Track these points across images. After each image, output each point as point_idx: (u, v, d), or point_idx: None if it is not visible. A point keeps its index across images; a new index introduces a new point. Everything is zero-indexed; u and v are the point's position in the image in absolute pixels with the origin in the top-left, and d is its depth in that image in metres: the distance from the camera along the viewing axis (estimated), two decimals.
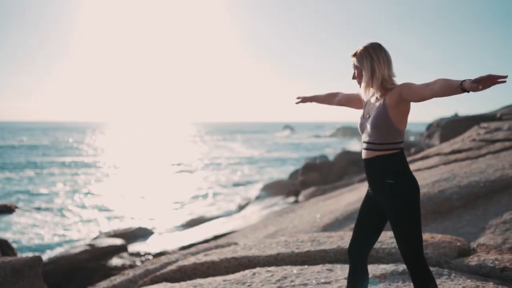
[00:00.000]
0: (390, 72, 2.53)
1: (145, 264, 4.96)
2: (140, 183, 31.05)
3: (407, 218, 2.46)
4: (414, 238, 2.48)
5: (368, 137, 2.56)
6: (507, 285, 3.63)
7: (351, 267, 2.72)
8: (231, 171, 39.93)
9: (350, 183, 17.14)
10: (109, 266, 11.79)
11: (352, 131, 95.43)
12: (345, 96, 3.02)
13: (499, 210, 6.08)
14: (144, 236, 15.99)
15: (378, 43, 2.57)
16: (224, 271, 4.23)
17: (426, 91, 2.26)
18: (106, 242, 13.01)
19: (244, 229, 10.88)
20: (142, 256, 12.46)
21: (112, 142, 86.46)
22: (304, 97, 3.25)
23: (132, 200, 24.54)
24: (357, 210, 7.50)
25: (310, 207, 10.27)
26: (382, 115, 2.47)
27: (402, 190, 2.46)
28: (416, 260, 2.48)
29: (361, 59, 2.56)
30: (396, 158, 2.50)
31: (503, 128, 9.82)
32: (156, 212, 21.29)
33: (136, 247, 13.55)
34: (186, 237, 14.89)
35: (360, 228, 2.69)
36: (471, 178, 6.96)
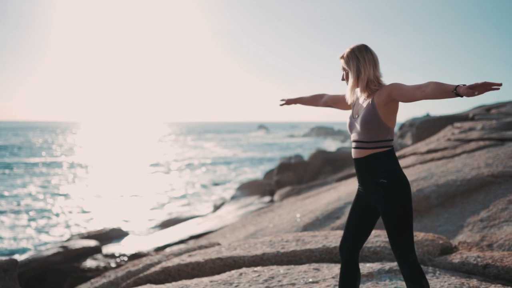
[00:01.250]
0: (376, 72, 2.57)
1: (126, 265, 4.84)
2: (114, 184, 30.53)
3: (401, 216, 2.48)
4: (408, 236, 2.51)
5: (359, 136, 2.58)
6: (490, 282, 3.69)
7: (342, 265, 2.73)
8: (206, 171, 39.72)
9: (325, 183, 17.27)
10: (83, 268, 11.52)
11: (326, 131, 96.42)
12: (331, 97, 3.06)
13: (476, 208, 6.22)
14: (118, 237, 15.74)
15: (365, 44, 2.61)
16: (209, 272, 4.17)
17: (417, 93, 2.30)
18: (79, 244, 12.71)
19: (222, 229, 10.82)
20: (117, 258, 12.24)
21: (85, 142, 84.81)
22: (289, 99, 3.28)
23: (106, 201, 24.10)
24: (336, 210, 7.57)
25: (289, 207, 10.27)
26: (372, 114, 2.50)
27: (396, 189, 2.48)
28: (409, 257, 2.51)
29: (347, 61, 2.61)
30: (388, 156, 2.53)
31: (476, 128, 10.05)
32: (131, 213, 20.98)
33: (111, 249, 13.32)
34: (161, 238, 14.73)
35: (351, 226, 2.70)
36: (448, 177, 7.09)
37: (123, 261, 11.97)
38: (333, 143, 65.81)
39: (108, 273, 4.79)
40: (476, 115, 13.02)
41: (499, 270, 3.85)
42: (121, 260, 12.01)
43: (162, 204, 23.57)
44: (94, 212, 21.27)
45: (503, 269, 3.85)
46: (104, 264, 11.68)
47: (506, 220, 5.66)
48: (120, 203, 23.66)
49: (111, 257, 12.31)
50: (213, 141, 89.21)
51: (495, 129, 9.62)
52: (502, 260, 3.95)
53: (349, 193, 8.33)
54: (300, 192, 16.38)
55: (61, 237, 16.86)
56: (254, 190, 22.13)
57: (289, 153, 46.05)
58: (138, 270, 4.45)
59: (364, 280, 3.65)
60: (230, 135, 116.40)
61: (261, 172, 34.77)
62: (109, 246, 13.98)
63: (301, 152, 44.23)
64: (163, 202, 24.11)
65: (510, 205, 5.91)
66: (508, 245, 5.19)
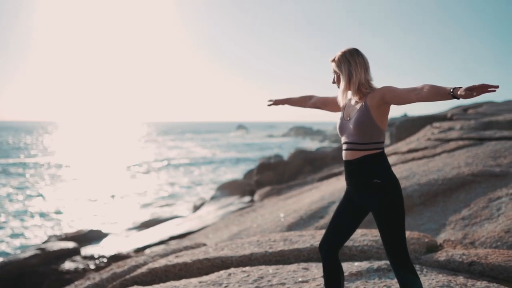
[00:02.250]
0: (367, 76, 2.60)
1: (111, 267, 4.75)
2: (92, 185, 30.06)
3: (395, 216, 2.51)
4: (401, 235, 2.54)
5: (352, 138, 2.60)
6: (475, 279, 3.74)
7: (324, 262, 2.74)
8: (186, 171, 39.47)
9: (305, 182, 17.34)
10: (61, 271, 11.30)
11: (305, 130, 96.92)
12: (320, 99, 3.09)
13: (458, 207, 6.32)
14: (97, 238, 15.50)
15: (356, 48, 2.64)
16: (197, 273, 4.12)
17: (412, 95, 2.34)
18: (57, 246, 12.47)
19: (205, 230, 10.75)
20: (96, 259, 12.05)
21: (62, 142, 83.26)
22: (277, 100, 3.30)
23: (84, 202, 23.70)
24: (320, 209, 7.60)
25: (271, 207, 10.28)
26: (366, 116, 2.53)
27: (390, 189, 2.51)
28: (403, 256, 2.54)
29: (339, 64, 2.63)
30: (380, 157, 2.56)
31: (455, 128, 10.24)
32: (110, 214, 20.68)
33: (89, 250, 13.11)
34: (141, 239, 14.57)
35: (336, 225, 2.72)
36: (429, 176, 7.20)
37: (102, 262, 11.79)
38: (312, 143, 66.13)
39: (92, 275, 4.70)
40: (454, 115, 13.27)
41: (484, 267, 3.92)
42: (101, 262, 11.83)
43: (141, 205, 23.31)
44: (72, 214, 20.91)
45: (488, 266, 3.91)
46: (83, 266, 11.49)
47: (487, 218, 5.77)
48: (98, 204, 23.30)
49: (90, 258, 12.12)
50: (192, 141, 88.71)
51: (473, 129, 9.82)
52: (486, 258, 4.02)
53: (332, 192, 8.38)
54: (280, 192, 16.42)
55: (38, 239, 16.50)
56: (234, 190, 22.09)
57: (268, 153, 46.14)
58: (124, 272, 4.37)
59: (353, 279, 3.67)
60: (209, 135, 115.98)
61: (240, 172, 34.71)
62: (87, 247, 13.76)
63: (280, 152, 44.36)
64: (143, 203, 23.85)
65: (490, 203, 6.03)
66: (489, 243, 5.29)
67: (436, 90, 2.20)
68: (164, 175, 36.42)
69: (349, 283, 3.60)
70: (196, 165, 44.58)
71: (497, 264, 3.91)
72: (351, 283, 3.59)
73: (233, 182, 24.36)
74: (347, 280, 3.65)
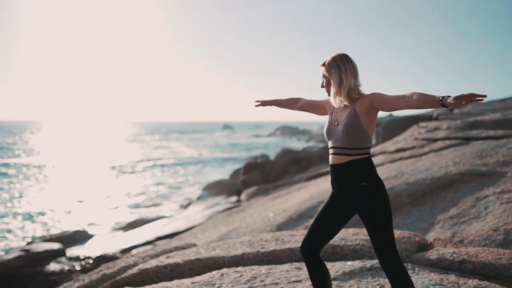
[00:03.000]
0: (356, 82, 2.64)
1: (100, 268, 4.68)
2: (77, 185, 29.69)
3: (383, 217, 2.56)
4: (390, 235, 2.58)
5: (339, 143, 2.63)
6: (466, 277, 3.77)
7: (307, 264, 2.76)
8: (172, 171, 39.24)
9: (291, 182, 17.37)
10: (46, 272, 11.15)
11: (291, 130, 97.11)
12: (308, 102, 3.12)
13: (446, 206, 6.38)
14: (82, 239, 15.30)
15: (346, 54, 2.68)
16: (189, 273, 4.09)
17: (401, 103, 2.39)
18: (42, 247, 12.29)
19: (193, 230, 10.69)
20: (82, 260, 11.91)
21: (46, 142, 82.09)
22: (264, 101, 3.32)
23: (69, 203, 23.39)
24: (310, 209, 7.61)
25: (260, 206, 10.26)
26: (355, 122, 2.57)
27: (377, 191, 2.57)
28: (393, 256, 2.58)
29: (329, 69, 2.66)
30: (367, 162, 2.61)
31: (442, 128, 10.34)
32: (95, 214, 20.44)
33: (75, 251, 12.93)
34: (127, 239, 14.43)
35: (319, 228, 2.74)
36: (418, 176, 7.26)
37: (88, 263, 11.66)
38: (299, 143, 66.30)
39: (82, 276, 4.62)
40: (440, 115, 13.42)
41: (475, 265, 3.96)
42: (86, 263, 11.70)
43: (127, 205, 23.09)
44: (57, 215, 20.61)
45: (479, 264, 3.95)
46: (69, 267, 11.35)
47: (475, 217, 5.84)
48: (84, 205, 23.02)
49: (76, 260, 11.98)
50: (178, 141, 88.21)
51: (460, 128, 9.93)
52: (477, 256, 4.06)
53: (321, 192, 8.40)
54: (267, 192, 16.42)
55: (22, 240, 16.23)
56: (221, 190, 22.02)
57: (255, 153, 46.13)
58: (114, 273, 4.31)
59: (346, 278, 3.67)
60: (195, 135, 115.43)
61: (227, 172, 34.63)
62: (73, 248, 13.57)
63: (267, 152, 44.36)
64: (128, 203, 23.63)
65: (478, 202, 6.10)
66: (478, 241, 5.35)
67: (425, 98, 2.27)
68: (150, 175, 36.15)
69: (342, 282, 3.60)
70: (182, 165, 44.35)
71: (488, 262, 3.95)
72: (344, 283, 3.59)
73: (219, 182, 24.28)
74: (341, 279, 3.65)
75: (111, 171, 38.73)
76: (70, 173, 36.53)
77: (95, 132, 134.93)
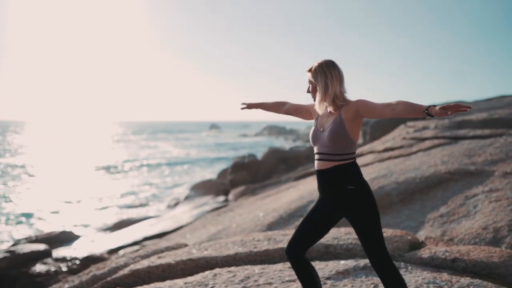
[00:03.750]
0: (341, 88, 2.67)
1: (90, 269, 4.61)
2: (63, 186, 29.32)
3: (372, 218, 2.58)
4: (379, 235, 2.61)
5: (325, 149, 2.65)
6: (459, 275, 3.79)
7: (293, 266, 2.77)
8: (159, 171, 38.98)
9: (279, 181, 17.36)
10: (32, 273, 10.97)
11: (278, 130, 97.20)
12: (294, 106, 3.13)
13: (435, 204, 6.42)
14: (69, 240, 15.11)
15: (332, 60, 2.70)
16: (181, 273, 4.04)
17: (386, 111, 2.43)
18: (27, 248, 12.09)
19: (182, 230, 10.61)
20: (68, 262, 11.74)
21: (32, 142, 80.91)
22: (250, 104, 3.31)
23: (55, 204, 23.08)
24: (300, 208, 7.60)
25: (249, 206, 10.23)
26: (340, 129, 2.60)
27: (363, 194, 2.60)
28: (384, 256, 2.60)
29: (315, 75, 2.68)
30: (353, 167, 2.63)
31: (430, 127, 10.42)
32: (81, 215, 20.20)
33: (61, 252, 12.74)
34: (114, 240, 14.28)
35: (305, 231, 2.74)
36: (407, 175, 7.29)
37: (75, 264, 11.51)
38: (286, 143, 66.41)
39: (71, 277, 4.54)
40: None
41: (467, 263, 3.98)
42: (73, 264, 11.55)
43: (114, 205, 22.86)
44: (42, 215, 20.33)
45: (471, 262, 3.98)
46: (55, 269, 11.19)
47: (465, 215, 5.88)
48: (70, 205, 22.74)
49: (62, 261, 11.81)
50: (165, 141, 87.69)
51: (447, 128, 10.02)
52: (468, 254, 4.08)
53: (311, 191, 8.39)
54: (254, 191, 16.40)
55: (7, 242, 15.96)
56: (208, 190, 21.95)
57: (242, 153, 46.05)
58: (104, 274, 4.24)
59: (340, 278, 3.66)
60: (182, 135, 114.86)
61: (214, 171, 34.51)
62: (59, 249, 13.38)
63: (254, 152, 44.32)
64: (115, 203, 23.40)
65: (467, 201, 6.15)
66: (468, 239, 5.39)
67: (412, 108, 2.31)
68: (137, 175, 35.87)
69: (336, 281, 3.59)
70: (170, 165, 44.10)
71: (479, 260, 3.97)
72: (338, 282, 3.58)
73: (207, 181, 24.20)
74: (335, 278, 3.64)
75: (97, 171, 38.33)
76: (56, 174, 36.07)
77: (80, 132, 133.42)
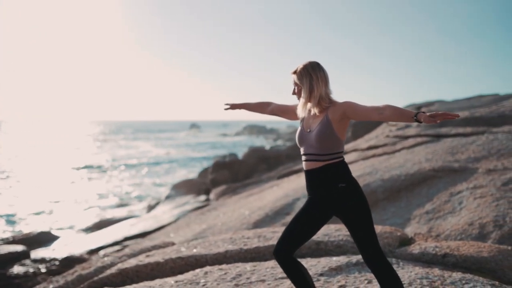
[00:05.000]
0: (327, 90, 2.67)
1: (75, 269, 4.48)
2: (43, 186, 28.70)
3: (364, 215, 2.58)
4: (372, 232, 2.60)
5: (312, 149, 2.65)
6: (450, 270, 3.81)
7: (282, 267, 2.72)
8: (139, 171, 38.54)
9: (260, 181, 17.34)
10: (10, 275, 10.68)
11: (258, 129, 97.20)
12: (279, 107, 3.12)
13: (421, 201, 6.47)
14: (47, 241, 14.77)
15: (317, 62, 2.71)
16: (170, 272, 3.95)
17: (374, 114, 2.47)
18: (5, 249, 11.78)
19: (166, 229, 10.49)
20: (47, 263, 11.47)
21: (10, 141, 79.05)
22: (234, 104, 3.28)
23: (33, 204, 22.57)
24: (286, 206, 7.57)
25: (233, 205, 10.17)
26: (328, 129, 2.60)
27: (354, 191, 2.59)
28: (377, 253, 2.59)
29: (300, 77, 2.68)
30: (341, 165, 2.63)
31: (412, 125, 10.51)
32: (61, 215, 19.80)
33: (40, 253, 12.45)
34: (94, 240, 14.03)
35: (294, 231, 2.70)
36: (392, 172, 7.34)
37: (54, 265, 11.27)
38: (266, 142, 66.47)
39: (55, 278, 4.41)
40: None
41: (457, 258, 4.00)
42: (52, 265, 11.30)
43: (93, 205, 22.49)
44: (20, 216, 19.85)
45: (461, 257, 4.00)
46: (34, 270, 10.92)
47: (450, 211, 5.93)
48: (49, 206, 22.26)
49: (41, 262, 11.54)
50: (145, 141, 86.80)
51: (430, 126, 10.11)
52: (458, 249, 4.11)
53: (296, 189, 8.38)
54: (236, 191, 16.34)
55: None
56: (189, 189, 21.77)
57: (223, 152, 45.90)
58: (90, 274, 4.12)
59: (333, 274, 3.63)
60: (162, 134, 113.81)
61: (195, 171, 34.28)
62: (38, 250, 13.07)
63: (235, 151, 44.22)
64: (95, 203, 23.02)
65: (452, 198, 6.21)
66: (454, 236, 5.44)
67: (400, 113, 2.36)
68: (117, 175, 35.38)
69: (330, 278, 3.56)
70: (150, 164, 43.66)
71: (470, 256, 4.00)
72: (332, 278, 3.55)
73: (188, 181, 24.00)
74: (328, 275, 3.61)
75: (77, 171, 37.66)
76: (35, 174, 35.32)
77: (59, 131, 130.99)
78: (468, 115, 9.83)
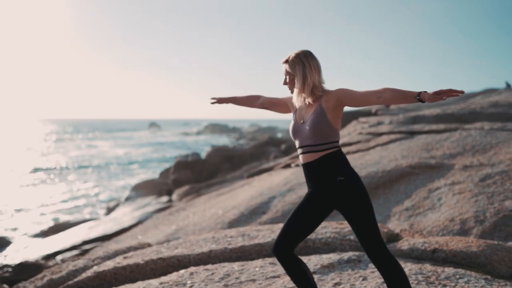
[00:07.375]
0: (320, 78, 2.61)
1: (44, 274, 4.11)
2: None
3: (366, 208, 2.48)
4: (374, 225, 2.50)
5: (308, 141, 2.57)
6: (441, 266, 3.74)
7: (282, 264, 2.64)
8: (97, 172, 37.34)
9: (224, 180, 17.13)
10: None
11: (220, 128, 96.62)
12: (269, 100, 3.05)
13: (399, 198, 6.44)
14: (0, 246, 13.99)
15: (309, 50, 2.63)
16: (151, 274, 3.68)
17: (372, 98, 2.37)
18: None
19: (132, 230, 10.07)
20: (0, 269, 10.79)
21: None
22: (221, 98, 3.19)
23: None
24: (261, 204, 7.38)
25: (203, 204, 9.90)
26: (322, 118, 2.52)
27: (354, 185, 2.50)
28: (381, 247, 2.49)
29: (293, 66, 2.61)
30: (339, 156, 2.55)
31: (385, 122, 10.58)
32: (14, 219, 18.80)
33: None
34: (50, 245, 13.36)
35: (294, 227, 2.62)
36: (369, 169, 7.29)
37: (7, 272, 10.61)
38: (229, 141, 66.13)
39: (22, 284, 4.02)
40: (378, 110, 13.79)
41: (447, 254, 3.94)
42: (5, 272, 10.63)
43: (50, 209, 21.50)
44: None
45: (450, 252, 3.94)
46: None
47: (430, 208, 5.92)
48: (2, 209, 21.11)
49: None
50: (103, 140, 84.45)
51: (402, 123, 10.22)
52: (447, 245, 4.05)
53: (271, 187, 8.21)
54: (200, 191, 16.03)
55: None
56: (150, 191, 21.25)
57: (184, 151, 45.21)
58: (63, 278, 3.79)
59: (326, 272, 3.48)
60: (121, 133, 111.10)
61: (156, 171, 33.54)
62: None
63: (197, 150, 43.68)
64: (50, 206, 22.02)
65: (431, 194, 6.21)
66: (435, 232, 5.42)
67: (400, 94, 2.26)
68: (73, 177, 34.11)
69: (323, 275, 3.41)
70: (108, 165, 42.42)
71: (459, 251, 3.95)
72: (325, 276, 3.40)
73: (148, 181, 23.42)
74: (321, 273, 3.45)
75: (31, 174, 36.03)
76: None
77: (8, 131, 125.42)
78: (440, 112, 9.96)
